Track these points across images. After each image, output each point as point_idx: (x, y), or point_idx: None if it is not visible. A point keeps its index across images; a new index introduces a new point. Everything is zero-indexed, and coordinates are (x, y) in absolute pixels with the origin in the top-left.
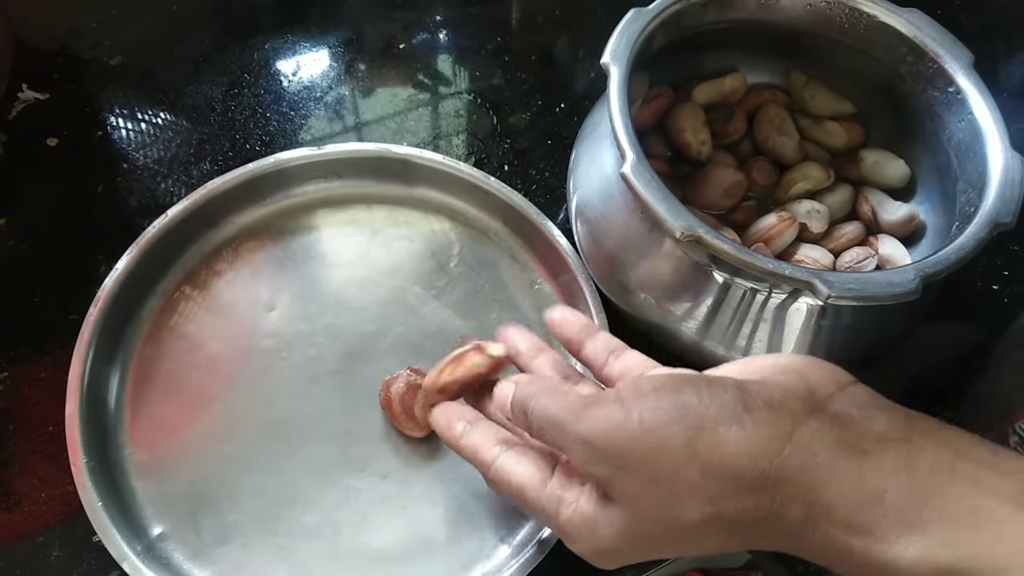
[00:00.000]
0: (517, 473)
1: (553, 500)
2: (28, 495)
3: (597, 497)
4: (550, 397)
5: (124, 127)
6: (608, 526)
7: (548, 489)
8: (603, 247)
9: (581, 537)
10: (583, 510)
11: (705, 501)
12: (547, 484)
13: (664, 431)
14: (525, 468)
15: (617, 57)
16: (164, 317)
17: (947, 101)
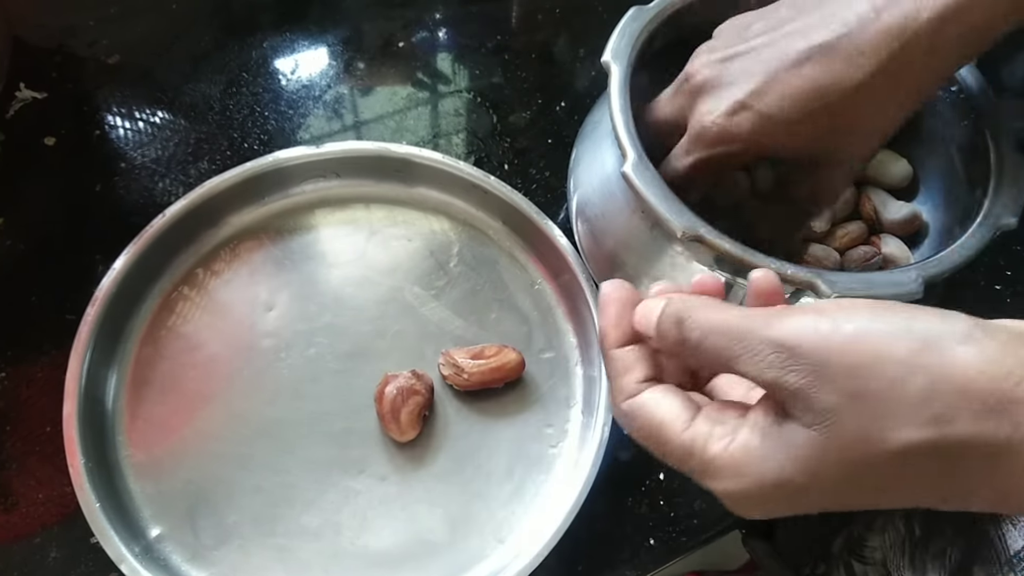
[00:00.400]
0: (661, 408)
1: (700, 436)
2: (25, 496)
3: (770, 421)
4: (717, 310)
5: (122, 126)
6: (783, 451)
7: (695, 426)
8: (604, 246)
9: (736, 471)
10: (743, 440)
11: (926, 422)
12: (693, 422)
13: (882, 341)
14: (670, 404)
15: (618, 56)
16: (162, 317)
17: (950, 101)
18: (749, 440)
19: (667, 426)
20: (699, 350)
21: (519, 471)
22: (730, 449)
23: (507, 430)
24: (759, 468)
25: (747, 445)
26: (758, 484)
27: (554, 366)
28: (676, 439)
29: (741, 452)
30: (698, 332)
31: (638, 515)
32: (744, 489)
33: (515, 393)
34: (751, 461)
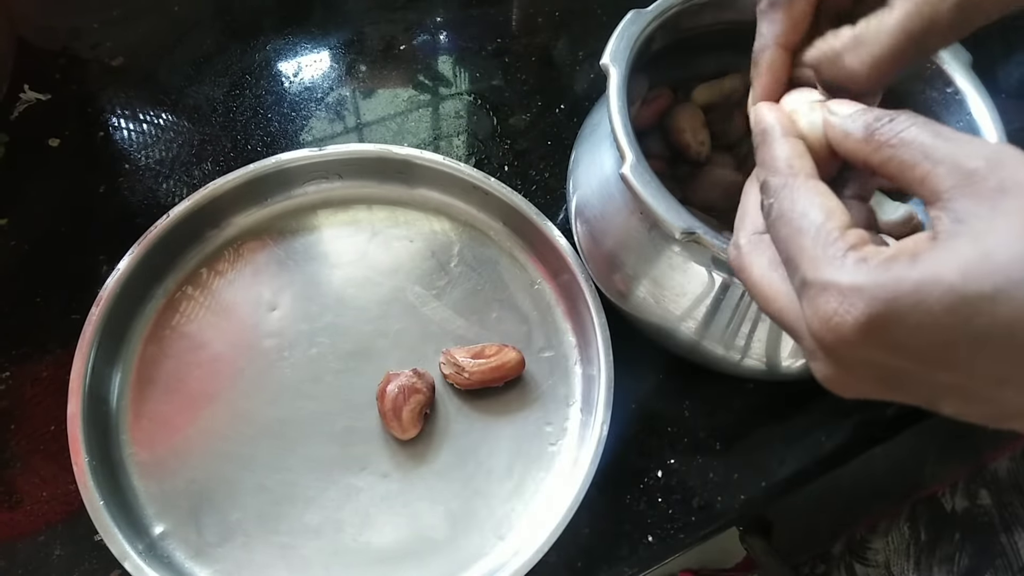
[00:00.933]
0: (823, 197)
1: (853, 234)
2: (30, 494)
3: (945, 234)
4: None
5: (126, 127)
6: (940, 249)
7: (856, 229)
8: (602, 247)
9: (874, 267)
10: (898, 249)
11: None
12: (849, 228)
13: None
14: (835, 203)
15: (616, 58)
16: (166, 317)
17: (945, 102)
18: (903, 248)
19: (824, 213)
20: (903, 134)
21: (519, 469)
22: (880, 252)
23: (507, 428)
24: (904, 268)
25: (900, 251)
26: (896, 282)
27: (554, 365)
28: (827, 226)
29: (891, 255)
30: (916, 119)
31: (637, 512)
32: (878, 283)
33: (515, 392)
34: (899, 261)
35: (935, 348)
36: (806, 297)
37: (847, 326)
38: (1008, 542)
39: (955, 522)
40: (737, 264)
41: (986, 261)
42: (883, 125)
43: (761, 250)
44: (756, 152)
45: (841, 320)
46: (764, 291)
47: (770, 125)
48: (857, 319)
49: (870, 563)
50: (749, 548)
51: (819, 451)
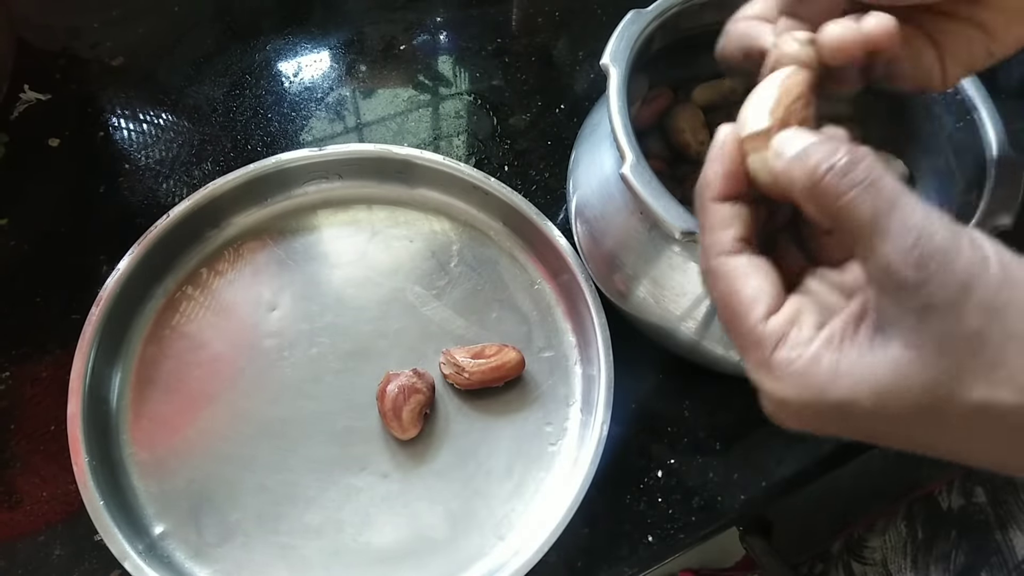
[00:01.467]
0: (750, 283)
1: (774, 333)
2: (30, 494)
3: (860, 333)
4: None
5: (126, 127)
6: (863, 369)
7: (774, 320)
8: (602, 247)
9: (800, 380)
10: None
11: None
12: (774, 315)
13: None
14: (760, 282)
15: (616, 58)
16: (166, 317)
17: (945, 102)
18: (826, 352)
19: (747, 306)
20: (850, 202)
21: (519, 469)
22: (804, 357)
23: (507, 428)
24: (827, 383)
25: (821, 357)
26: (818, 398)
27: (553, 365)
28: (750, 324)
29: (812, 363)
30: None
31: (636, 512)
32: (801, 399)
33: (515, 392)
34: (821, 373)
35: (867, 435)
36: (750, 370)
37: (786, 422)
38: (1003, 540)
39: (951, 520)
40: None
41: (901, 388)
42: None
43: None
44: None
45: (779, 419)
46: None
47: (705, 181)
48: (792, 420)
49: (867, 561)
50: (749, 548)
51: (819, 451)
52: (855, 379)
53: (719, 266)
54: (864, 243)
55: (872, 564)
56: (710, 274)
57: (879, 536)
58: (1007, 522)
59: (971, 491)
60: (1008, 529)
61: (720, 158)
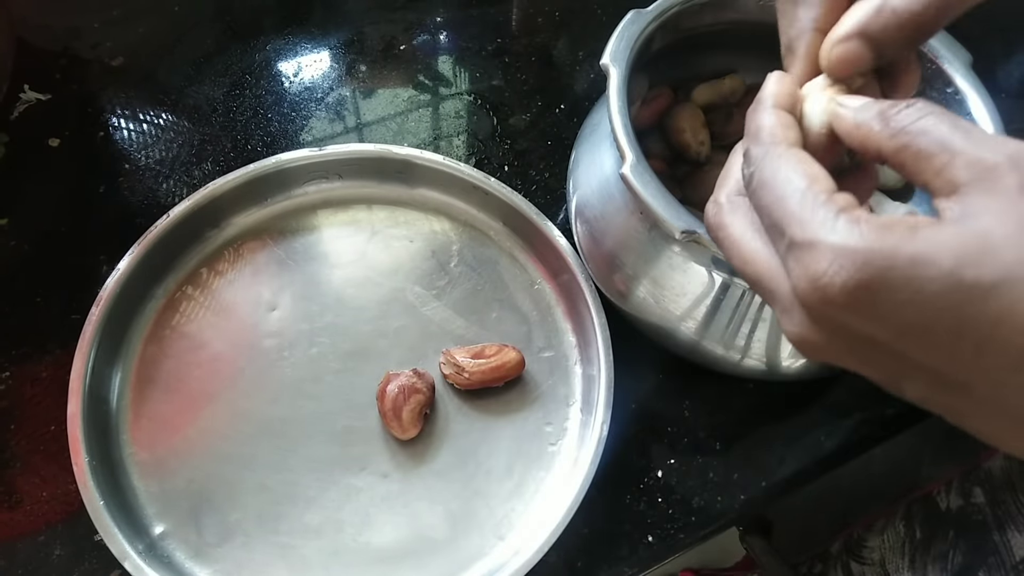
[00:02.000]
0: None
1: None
2: (30, 494)
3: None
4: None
5: (126, 127)
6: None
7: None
8: (602, 247)
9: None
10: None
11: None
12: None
13: None
14: (817, 168)
15: (616, 58)
16: (166, 317)
17: (946, 102)
18: (903, 220)
19: (809, 178)
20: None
21: (519, 469)
22: (879, 217)
23: (507, 428)
24: (905, 236)
25: (897, 223)
26: (892, 250)
27: (553, 365)
28: (815, 191)
29: (888, 222)
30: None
31: (636, 512)
32: (870, 250)
33: (515, 392)
34: (898, 228)
35: (918, 326)
36: (794, 256)
37: (835, 287)
38: (1001, 540)
39: (949, 520)
40: (716, 221)
41: (988, 252)
42: (900, 112)
43: (742, 212)
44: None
45: (830, 281)
46: (741, 251)
47: (765, 94)
48: (846, 282)
49: (866, 561)
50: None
51: (819, 451)
52: (937, 241)
53: (782, 151)
54: (943, 152)
55: (870, 564)
56: (765, 157)
57: (877, 536)
58: (1005, 522)
59: (969, 491)
60: (1006, 529)
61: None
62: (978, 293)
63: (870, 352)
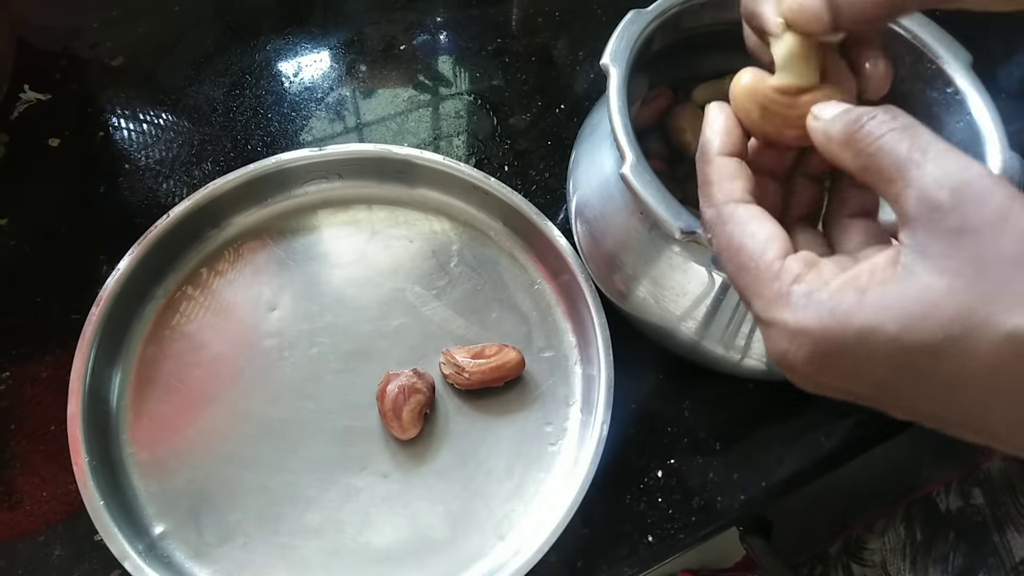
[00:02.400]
0: (764, 226)
1: (793, 267)
2: (30, 494)
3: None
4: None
5: (126, 127)
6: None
7: (791, 259)
8: (602, 247)
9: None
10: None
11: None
12: (790, 256)
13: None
14: (773, 227)
15: (616, 58)
16: (166, 317)
17: (945, 102)
18: (850, 287)
19: (763, 244)
20: (887, 142)
21: (519, 469)
22: (828, 288)
23: (507, 428)
24: (852, 309)
25: (846, 291)
26: (841, 324)
27: (553, 365)
28: (767, 260)
29: (836, 293)
30: (907, 124)
31: (637, 512)
32: (821, 326)
33: (515, 392)
34: (845, 302)
35: (883, 382)
36: (761, 329)
37: (799, 361)
38: (1001, 541)
39: (949, 522)
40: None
41: (928, 312)
42: (862, 126)
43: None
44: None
45: (792, 358)
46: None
47: (706, 139)
48: (807, 357)
49: (867, 563)
50: (749, 548)
51: (819, 451)
52: (882, 306)
53: (731, 211)
54: (899, 179)
55: (871, 566)
56: (717, 220)
57: (878, 538)
58: (1004, 524)
59: (969, 493)
60: (1006, 531)
61: (719, 115)
62: (927, 355)
63: (852, 396)
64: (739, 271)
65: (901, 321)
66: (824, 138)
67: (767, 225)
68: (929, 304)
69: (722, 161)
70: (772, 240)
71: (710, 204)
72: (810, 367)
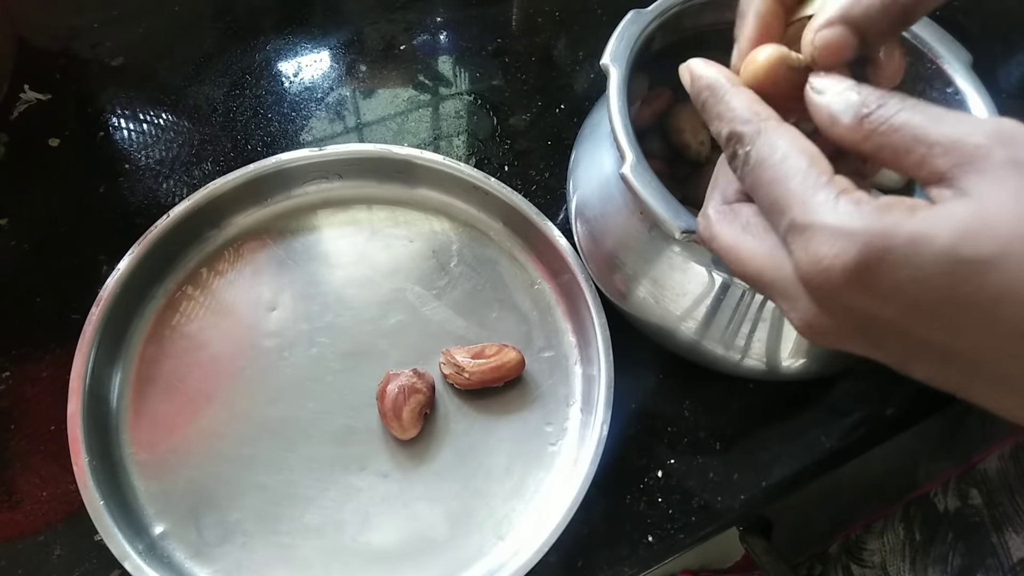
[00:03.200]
0: (806, 144)
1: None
2: (30, 494)
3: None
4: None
5: (126, 127)
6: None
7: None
8: (603, 247)
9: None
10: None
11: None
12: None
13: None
14: (808, 146)
15: (616, 58)
16: (166, 317)
17: (946, 102)
18: (901, 202)
19: (808, 157)
20: (893, 120)
21: (519, 469)
22: (878, 200)
23: (507, 428)
24: (903, 216)
25: (896, 201)
26: (890, 230)
27: (554, 365)
28: (816, 172)
29: (887, 203)
30: (918, 103)
31: (637, 512)
32: (870, 231)
33: (515, 392)
34: (896, 209)
35: (923, 303)
36: (795, 240)
37: (838, 269)
38: (999, 541)
39: (948, 522)
40: (707, 234)
41: (985, 228)
42: (872, 112)
43: (730, 219)
44: (704, 110)
45: (832, 263)
46: (738, 254)
47: (713, 78)
48: (848, 263)
49: (866, 564)
50: (749, 548)
51: (819, 451)
52: (935, 219)
53: (774, 126)
54: (919, 145)
55: (871, 567)
56: (755, 134)
57: (877, 538)
58: (1002, 524)
59: (966, 492)
60: (1004, 531)
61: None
62: (977, 269)
63: (877, 332)
64: (780, 179)
65: (955, 232)
66: (829, 120)
67: (813, 146)
68: (986, 220)
69: (746, 90)
70: (820, 157)
71: (744, 121)
72: (848, 277)
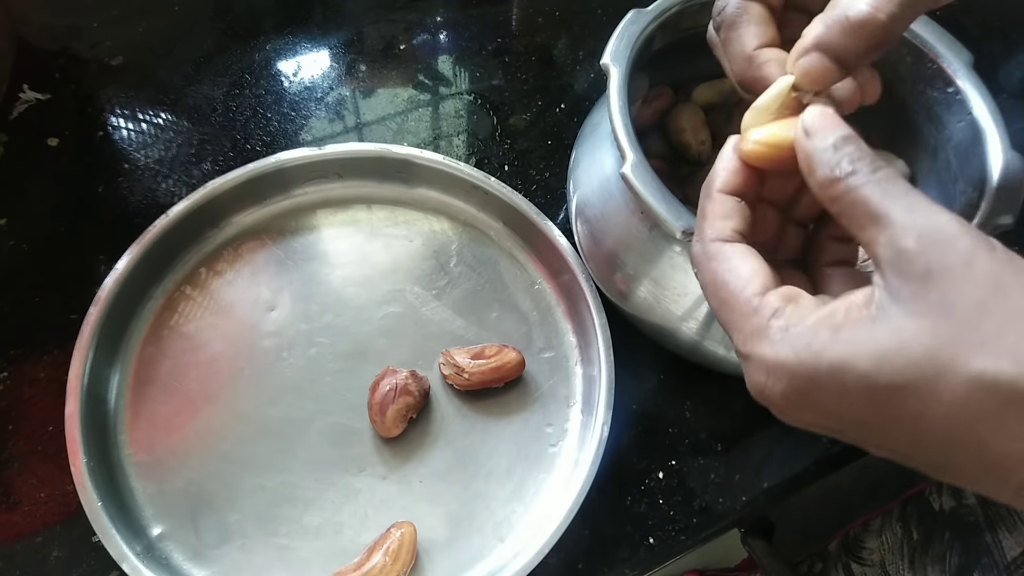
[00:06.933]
0: (747, 262)
1: (771, 303)
2: (28, 495)
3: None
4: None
5: (125, 127)
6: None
7: (771, 294)
8: (603, 247)
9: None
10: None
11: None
12: (771, 291)
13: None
14: (757, 264)
15: (617, 58)
16: (164, 317)
17: (946, 102)
18: (825, 324)
19: (744, 281)
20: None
21: (519, 470)
22: (804, 324)
23: (507, 429)
24: (826, 344)
25: (821, 327)
26: (814, 359)
27: (554, 365)
28: (747, 296)
29: (811, 329)
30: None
31: (637, 514)
32: (797, 360)
33: (515, 392)
34: (820, 337)
35: (854, 417)
36: (742, 360)
37: (776, 395)
38: (993, 541)
39: (944, 521)
40: (697, 262)
41: (899, 351)
42: (842, 179)
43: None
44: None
45: (771, 390)
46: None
47: (715, 172)
48: (784, 391)
49: (866, 563)
50: (751, 549)
51: (820, 451)
52: (855, 343)
53: (716, 249)
54: (872, 226)
55: (871, 565)
56: (703, 256)
57: (876, 537)
58: (996, 523)
59: (961, 492)
60: (998, 530)
61: (732, 154)
62: (895, 394)
63: (829, 432)
64: (721, 306)
65: (873, 358)
66: (807, 168)
67: (750, 262)
68: (899, 343)
69: (721, 199)
70: (754, 276)
71: (699, 240)
72: (786, 400)
